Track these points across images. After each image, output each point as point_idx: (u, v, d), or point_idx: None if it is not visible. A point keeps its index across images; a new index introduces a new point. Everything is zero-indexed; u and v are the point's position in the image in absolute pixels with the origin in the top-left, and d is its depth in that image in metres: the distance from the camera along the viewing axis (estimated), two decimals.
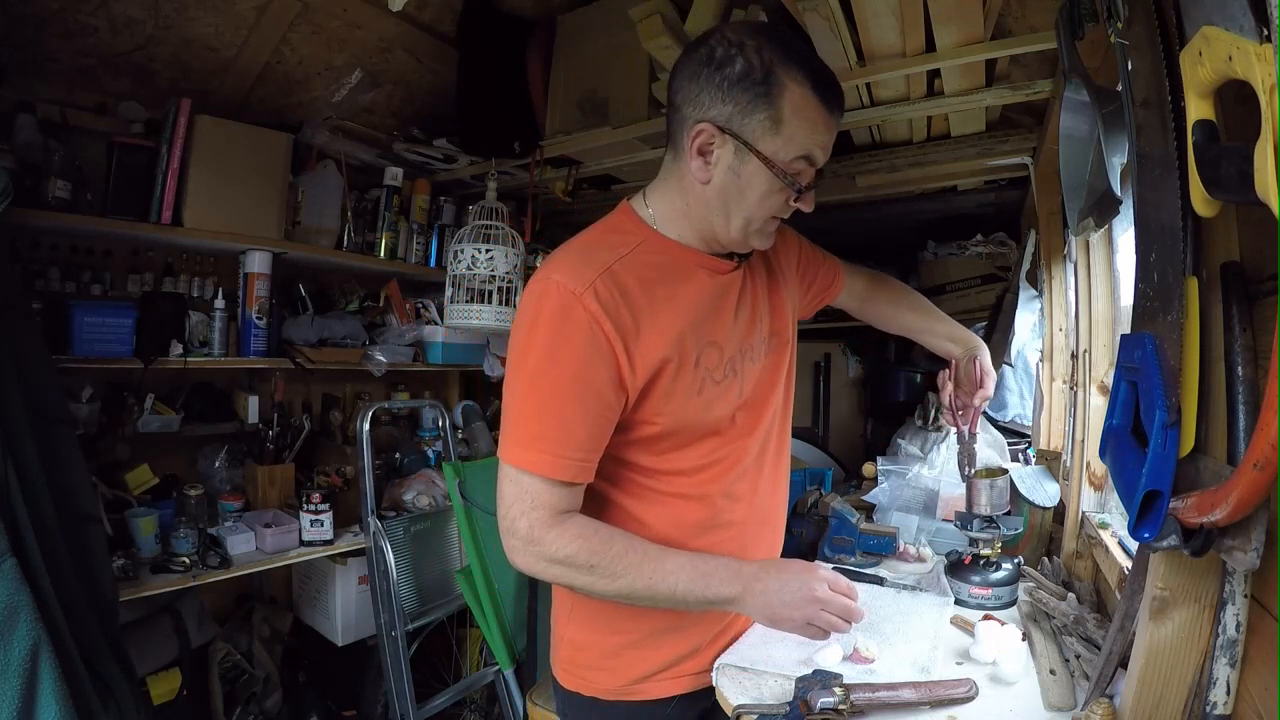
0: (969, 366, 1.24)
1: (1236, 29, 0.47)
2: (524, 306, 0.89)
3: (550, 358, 0.85)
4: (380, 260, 2.29)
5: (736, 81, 0.84)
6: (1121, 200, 0.82)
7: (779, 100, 0.84)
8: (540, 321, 0.86)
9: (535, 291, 0.88)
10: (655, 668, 0.99)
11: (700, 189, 0.91)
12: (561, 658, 1.05)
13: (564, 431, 0.86)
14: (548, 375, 0.86)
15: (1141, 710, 0.69)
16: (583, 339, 0.85)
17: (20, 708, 1.10)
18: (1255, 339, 0.58)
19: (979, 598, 1.19)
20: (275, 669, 2.11)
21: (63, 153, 1.59)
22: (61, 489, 1.32)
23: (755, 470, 1.04)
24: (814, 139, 0.88)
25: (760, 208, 0.91)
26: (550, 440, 0.86)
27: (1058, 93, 1.22)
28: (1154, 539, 0.60)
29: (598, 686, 1.01)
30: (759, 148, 0.86)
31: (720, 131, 0.87)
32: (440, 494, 2.22)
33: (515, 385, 0.88)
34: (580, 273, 0.86)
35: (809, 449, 2.61)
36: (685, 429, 0.94)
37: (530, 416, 0.87)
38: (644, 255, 0.92)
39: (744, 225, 0.92)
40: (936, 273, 2.52)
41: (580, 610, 1.02)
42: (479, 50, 1.97)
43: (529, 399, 0.87)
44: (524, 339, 0.87)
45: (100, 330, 1.66)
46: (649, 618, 0.98)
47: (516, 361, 0.88)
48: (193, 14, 1.69)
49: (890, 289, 1.37)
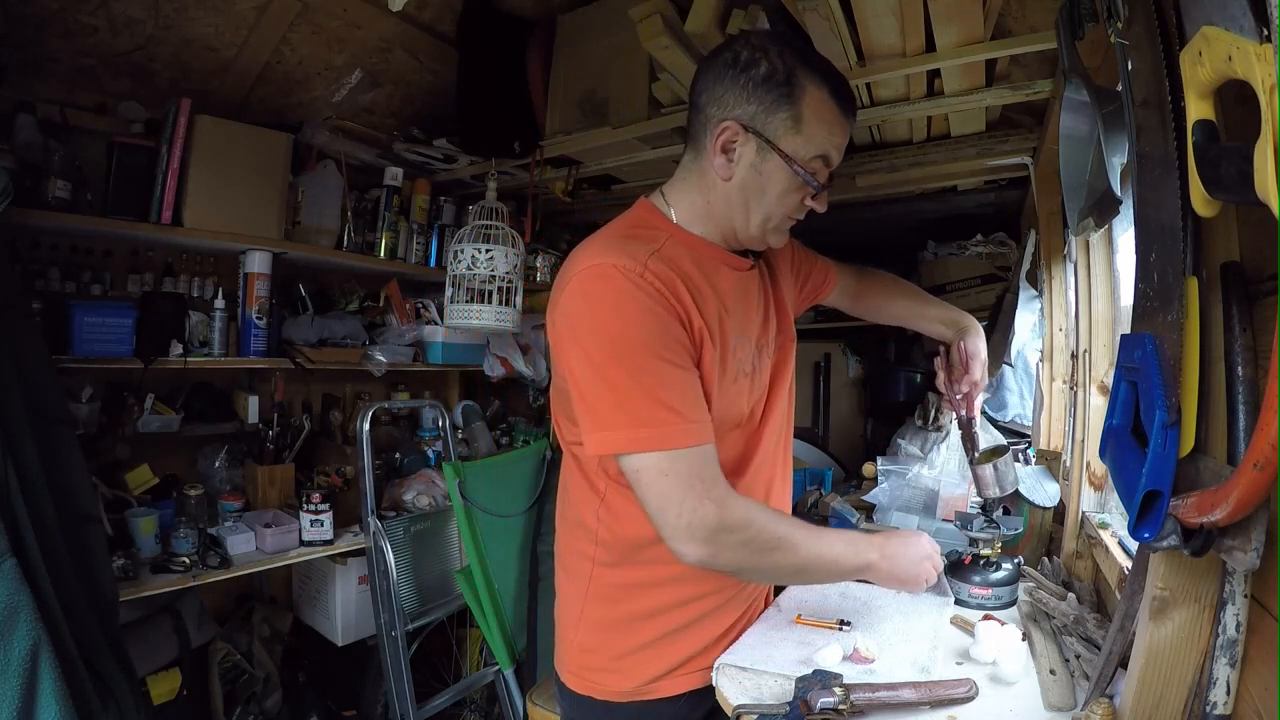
0: (957, 350, 1.25)
1: (1236, 29, 0.47)
2: (585, 294, 0.85)
3: (642, 331, 0.83)
4: (380, 260, 2.29)
5: (761, 83, 0.89)
6: (1121, 200, 0.82)
7: (800, 101, 0.89)
8: (614, 301, 0.84)
9: (592, 276, 0.85)
10: (667, 667, 0.99)
11: (722, 186, 0.94)
12: (570, 662, 1.04)
13: (690, 395, 0.85)
14: (647, 348, 0.83)
15: (1141, 710, 0.69)
16: (661, 308, 0.85)
17: (20, 708, 1.09)
18: (1255, 339, 0.58)
19: (979, 598, 1.19)
20: (275, 669, 2.11)
21: (63, 153, 1.59)
22: (61, 489, 1.32)
23: (770, 466, 1.06)
24: (831, 140, 0.92)
25: (779, 205, 0.94)
26: (681, 408, 0.83)
27: (1058, 93, 1.22)
28: (1154, 539, 0.60)
29: (609, 689, 1.00)
30: (781, 145, 0.90)
31: (744, 130, 0.90)
32: (440, 494, 2.22)
33: (612, 372, 0.83)
34: (632, 254, 0.87)
35: (809, 449, 2.61)
36: (720, 420, 0.94)
37: (646, 391, 0.82)
38: (675, 248, 0.93)
39: (763, 222, 0.95)
40: (936, 273, 2.52)
41: (592, 614, 1.01)
42: (479, 50, 1.97)
43: (634, 377, 0.82)
44: (604, 323, 0.84)
45: (100, 330, 1.66)
46: (664, 619, 0.98)
47: (603, 347, 0.83)
48: (193, 14, 1.69)
49: (879, 280, 1.40)
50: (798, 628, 1.09)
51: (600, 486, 0.98)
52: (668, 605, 0.99)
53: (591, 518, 0.99)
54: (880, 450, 2.07)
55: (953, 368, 1.26)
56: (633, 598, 0.99)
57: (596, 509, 0.98)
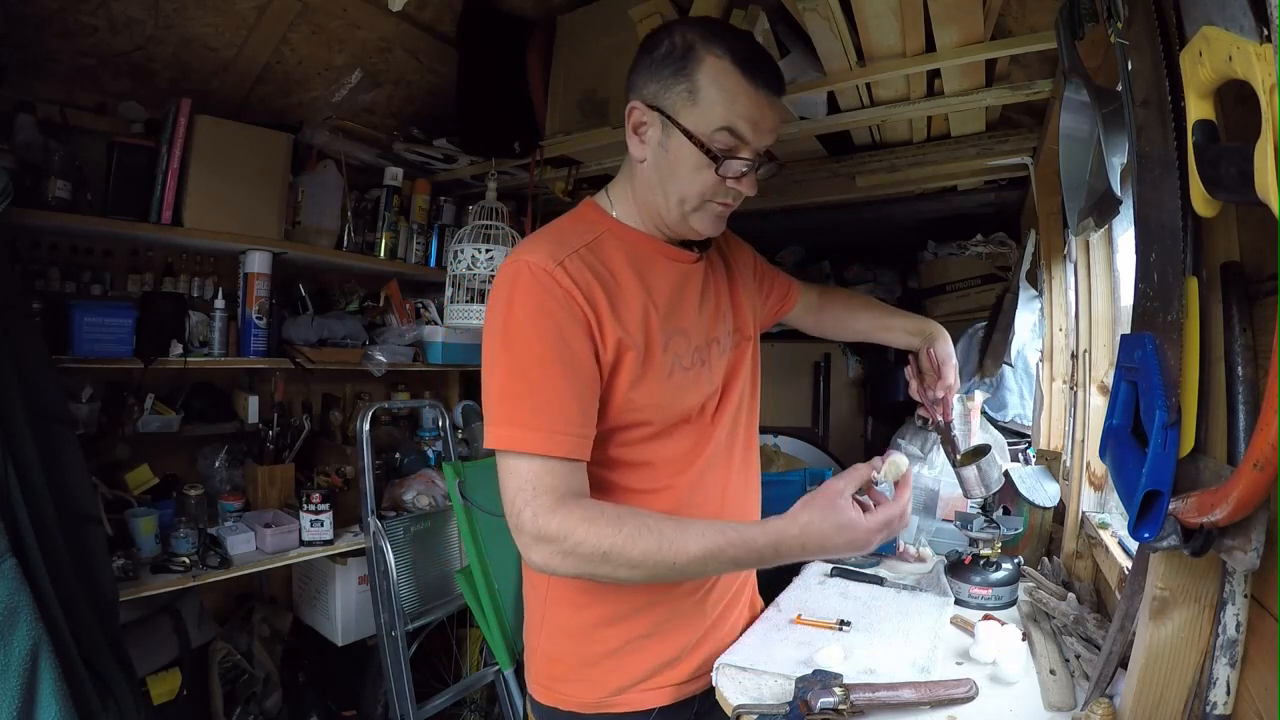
0: (925, 357, 1.24)
1: (1236, 29, 0.47)
2: (497, 290, 0.89)
3: (532, 331, 0.85)
4: (380, 260, 2.29)
5: (661, 60, 0.89)
6: (1121, 200, 0.82)
7: (695, 72, 0.88)
8: (516, 300, 0.85)
9: (508, 274, 0.88)
10: (635, 678, 0.97)
11: (640, 169, 0.95)
12: (536, 672, 1.02)
13: (557, 404, 0.84)
14: (531, 349, 0.84)
15: (1141, 710, 0.69)
16: (561, 310, 0.85)
17: (20, 708, 1.09)
18: (1255, 339, 0.58)
19: (979, 598, 1.19)
20: (275, 669, 2.11)
21: (63, 153, 1.59)
22: (61, 489, 1.32)
23: (725, 462, 1.04)
24: (734, 109, 0.88)
25: (691, 183, 0.91)
26: (544, 415, 0.83)
27: (1058, 93, 1.22)
28: (1154, 539, 0.60)
29: (574, 700, 0.98)
30: (679, 120, 0.89)
31: (647, 108, 0.91)
32: (440, 494, 2.22)
33: (497, 368, 0.86)
34: (551, 252, 0.88)
35: (809, 449, 2.61)
36: (657, 416, 0.94)
37: (519, 393, 0.84)
38: (609, 241, 0.94)
39: (680, 203, 0.93)
40: (936, 273, 2.52)
41: (553, 620, 0.99)
42: (479, 50, 1.97)
43: (515, 377, 0.85)
44: (501, 320, 0.86)
45: (100, 330, 1.66)
46: (627, 625, 0.96)
47: (496, 344, 0.86)
48: (193, 14, 1.69)
49: (841, 295, 1.40)
50: (798, 628, 1.09)
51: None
52: (629, 610, 0.97)
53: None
54: (880, 450, 2.07)
55: (924, 374, 1.25)
56: (593, 602, 0.97)
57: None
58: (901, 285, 2.90)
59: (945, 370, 1.22)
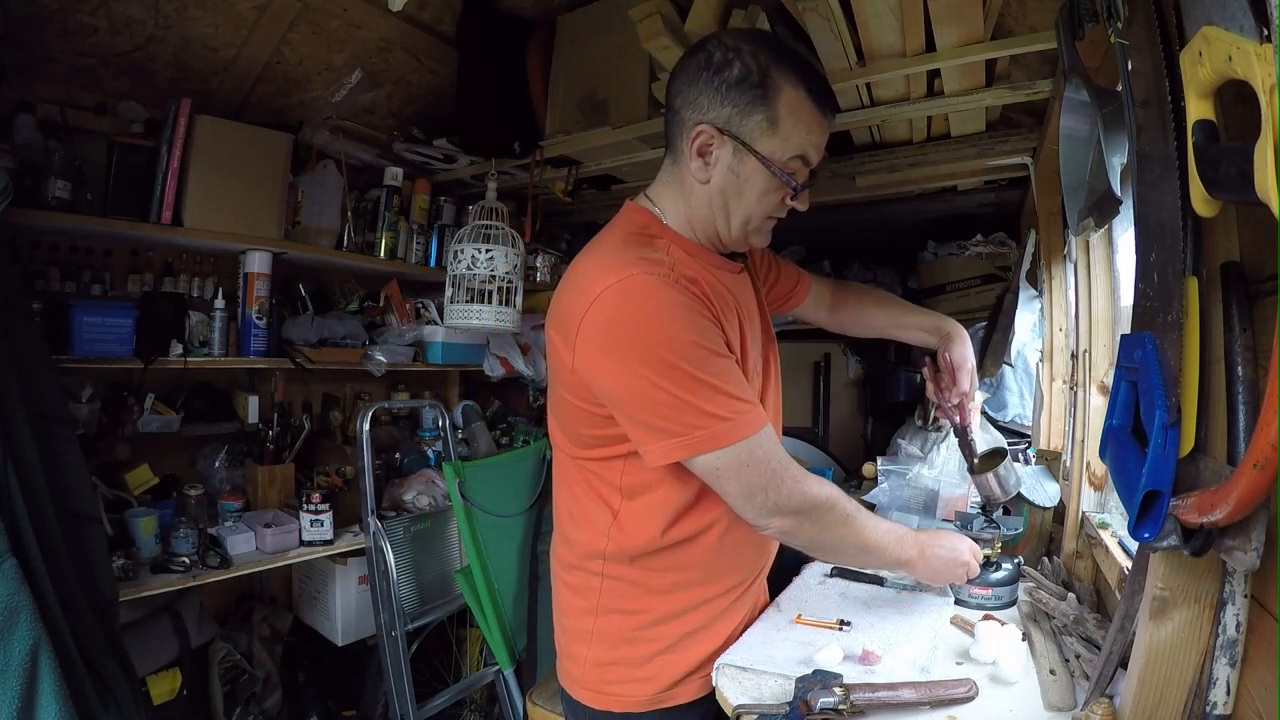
0: (942, 360, 1.24)
1: (1236, 29, 0.47)
2: (613, 305, 0.83)
3: (693, 329, 0.84)
4: (380, 260, 2.28)
5: (735, 84, 0.88)
6: (1121, 200, 0.82)
7: (776, 102, 0.88)
8: (646, 307, 0.83)
9: (618, 289, 0.83)
10: (686, 669, 0.99)
11: (701, 189, 0.94)
12: (587, 679, 1.01)
13: (742, 383, 0.87)
14: (702, 346, 0.84)
15: (1141, 710, 0.69)
16: (693, 304, 0.86)
17: (20, 708, 1.09)
18: (1255, 339, 0.58)
19: (979, 598, 1.19)
20: (275, 669, 2.11)
21: (63, 153, 1.59)
22: (61, 489, 1.32)
23: None
24: (809, 139, 0.91)
25: (759, 206, 0.93)
26: (746, 394, 0.87)
27: (1058, 93, 1.22)
28: (1154, 539, 0.60)
29: (630, 700, 0.98)
30: (757, 148, 0.89)
31: (719, 133, 0.90)
32: (440, 494, 2.22)
33: (670, 377, 0.81)
34: (646, 260, 0.87)
35: (809, 449, 2.61)
36: None
37: (717, 387, 0.83)
38: (678, 252, 0.94)
39: (744, 224, 0.95)
40: (936, 273, 2.52)
41: (605, 628, 0.99)
42: (479, 50, 1.97)
43: (701, 376, 0.82)
44: (653, 332, 0.82)
45: (100, 330, 1.66)
46: (678, 622, 0.98)
47: (658, 355, 0.82)
48: (193, 14, 1.69)
49: (856, 290, 1.40)
50: (798, 628, 1.09)
51: (615, 504, 0.95)
52: (681, 609, 0.98)
53: (602, 537, 0.97)
54: (880, 450, 2.07)
55: (941, 377, 1.24)
56: (649, 606, 0.98)
57: (608, 528, 0.96)
58: (901, 285, 2.90)
59: (960, 376, 1.21)
